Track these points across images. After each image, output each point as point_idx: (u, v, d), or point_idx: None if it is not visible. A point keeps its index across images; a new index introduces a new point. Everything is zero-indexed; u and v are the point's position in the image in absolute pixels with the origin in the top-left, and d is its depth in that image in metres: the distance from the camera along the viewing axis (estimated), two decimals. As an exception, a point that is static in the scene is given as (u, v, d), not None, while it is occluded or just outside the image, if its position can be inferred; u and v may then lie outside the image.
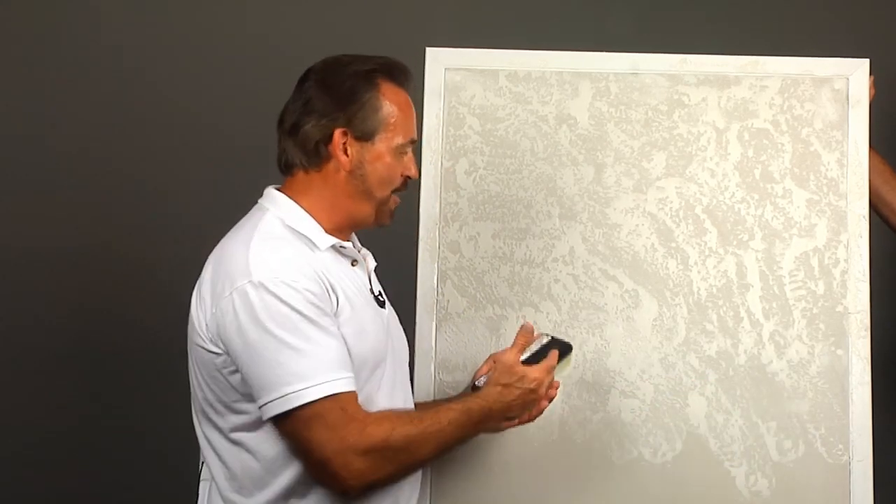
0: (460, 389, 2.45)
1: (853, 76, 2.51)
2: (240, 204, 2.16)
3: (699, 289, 2.48)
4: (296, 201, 2.11)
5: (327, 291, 2.02)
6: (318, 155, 2.10)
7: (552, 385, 2.19)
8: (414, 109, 2.17)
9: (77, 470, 3.01)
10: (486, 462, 2.44)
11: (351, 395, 1.98)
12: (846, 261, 2.47)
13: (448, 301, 2.48)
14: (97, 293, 3.01)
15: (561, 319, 2.47)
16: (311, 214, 2.10)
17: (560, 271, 2.49)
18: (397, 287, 2.49)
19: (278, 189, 2.14)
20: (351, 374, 1.99)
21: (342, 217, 2.13)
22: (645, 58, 2.54)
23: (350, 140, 2.09)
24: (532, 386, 2.14)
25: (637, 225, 2.50)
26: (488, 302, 2.48)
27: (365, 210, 2.14)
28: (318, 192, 2.11)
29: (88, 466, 3.02)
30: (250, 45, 3.00)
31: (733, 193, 2.50)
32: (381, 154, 2.12)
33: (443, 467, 2.40)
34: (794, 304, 2.47)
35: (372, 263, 2.21)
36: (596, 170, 2.51)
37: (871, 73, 2.53)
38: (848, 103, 2.50)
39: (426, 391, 2.45)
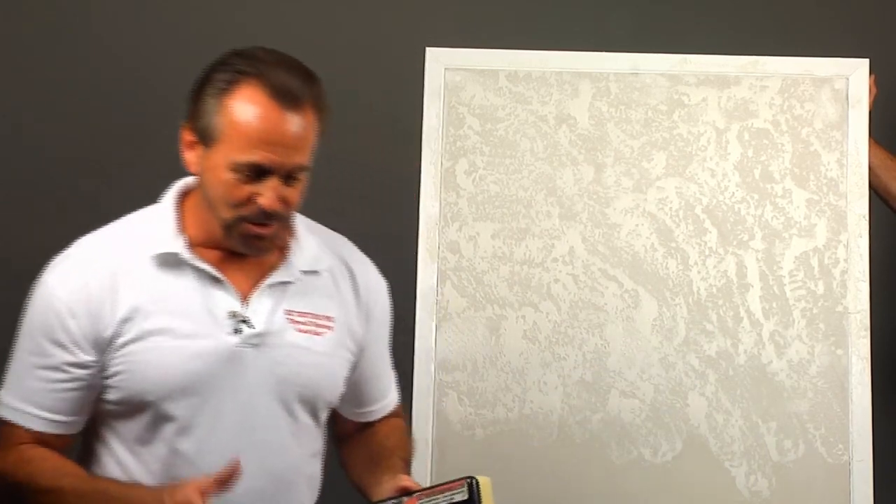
0: (460, 389, 2.46)
1: (853, 76, 2.51)
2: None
3: (699, 289, 2.48)
4: (181, 198, 1.92)
5: (97, 316, 1.83)
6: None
7: None
8: (288, 133, 1.81)
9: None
10: (485, 462, 2.43)
11: (9, 428, 1.86)
12: (846, 261, 2.47)
13: (448, 301, 2.48)
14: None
15: (561, 319, 2.47)
16: (179, 216, 1.89)
17: (560, 271, 2.49)
18: (397, 287, 2.49)
19: (184, 183, 1.95)
20: (29, 410, 1.85)
21: (202, 220, 1.88)
22: (645, 58, 2.54)
23: (195, 139, 1.85)
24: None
25: (637, 225, 2.50)
26: (488, 302, 2.48)
27: (215, 227, 1.86)
28: (196, 193, 1.91)
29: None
30: (248, 46, 2.99)
31: (733, 193, 2.50)
32: (216, 166, 1.82)
33: (443, 467, 2.40)
34: (794, 304, 2.47)
35: (282, 279, 1.91)
36: (596, 170, 2.51)
37: (872, 73, 2.53)
38: (848, 103, 2.50)
39: (426, 391, 2.44)
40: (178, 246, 1.86)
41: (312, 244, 1.98)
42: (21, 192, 2.99)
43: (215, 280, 1.87)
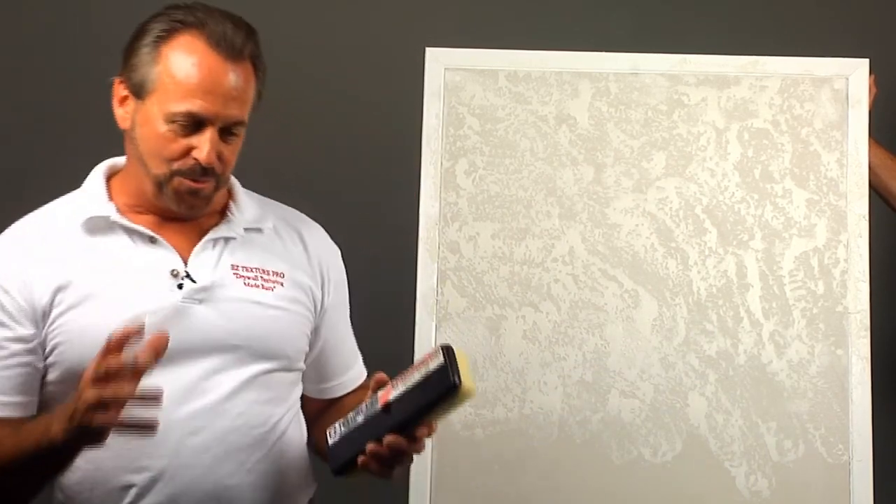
0: (460, 389, 2.45)
1: (853, 76, 2.51)
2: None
3: (699, 289, 2.48)
4: (108, 175, 1.90)
5: (30, 289, 1.79)
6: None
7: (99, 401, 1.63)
8: (227, 83, 1.78)
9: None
10: (486, 462, 2.43)
11: None
12: (846, 261, 2.47)
13: (448, 301, 2.48)
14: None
15: (561, 319, 2.47)
16: (108, 182, 1.88)
17: (560, 271, 2.49)
18: (397, 287, 2.49)
19: (111, 162, 1.93)
20: None
21: (133, 187, 1.86)
22: (645, 58, 2.54)
23: (129, 93, 1.83)
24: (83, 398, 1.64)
25: (637, 225, 2.50)
26: (488, 302, 2.48)
27: (147, 185, 1.83)
28: (122, 171, 1.90)
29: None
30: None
31: (733, 193, 2.50)
32: (150, 117, 1.79)
33: (443, 468, 2.40)
34: (794, 304, 2.46)
35: (224, 234, 1.88)
36: (596, 170, 2.51)
37: (872, 73, 2.53)
38: (848, 103, 2.50)
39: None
40: (109, 210, 1.83)
41: (253, 205, 1.94)
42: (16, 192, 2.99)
43: (151, 240, 1.83)
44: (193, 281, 1.82)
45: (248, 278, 1.87)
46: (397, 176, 2.70)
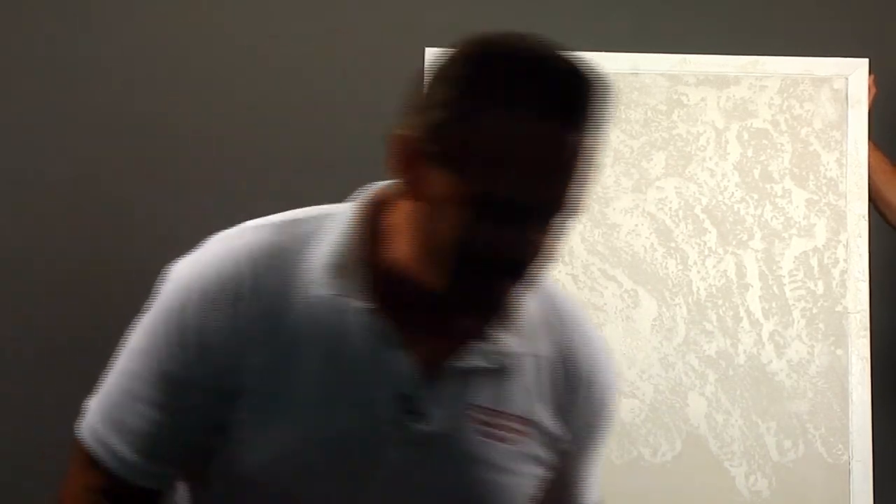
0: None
1: (852, 76, 2.51)
2: (235, 213, 2.10)
3: (699, 289, 2.48)
4: (375, 211, 1.38)
5: (230, 356, 1.32)
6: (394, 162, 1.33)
7: None
8: (556, 158, 1.25)
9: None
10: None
11: (83, 459, 1.40)
12: (846, 261, 2.47)
13: (448, 301, 2.48)
14: (106, 300, 3.01)
15: (560, 319, 2.47)
16: (366, 238, 1.36)
17: (559, 271, 2.48)
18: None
19: (378, 187, 1.41)
20: (113, 444, 1.36)
21: (404, 272, 1.33)
22: (645, 58, 2.54)
23: (414, 153, 1.29)
24: None
25: (636, 225, 2.50)
26: (488, 302, 2.48)
27: (425, 275, 1.30)
28: (404, 216, 1.34)
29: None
30: (246, 45, 2.99)
31: (733, 193, 2.50)
32: (445, 196, 1.26)
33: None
34: (793, 304, 2.46)
35: (481, 362, 1.36)
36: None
37: (871, 73, 2.53)
38: (847, 103, 2.50)
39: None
40: (348, 287, 1.34)
41: (534, 315, 1.41)
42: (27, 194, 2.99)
43: (389, 341, 1.34)
44: (422, 421, 1.35)
45: (488, 426, 1.38)
46: (397, 176, 2.70)
